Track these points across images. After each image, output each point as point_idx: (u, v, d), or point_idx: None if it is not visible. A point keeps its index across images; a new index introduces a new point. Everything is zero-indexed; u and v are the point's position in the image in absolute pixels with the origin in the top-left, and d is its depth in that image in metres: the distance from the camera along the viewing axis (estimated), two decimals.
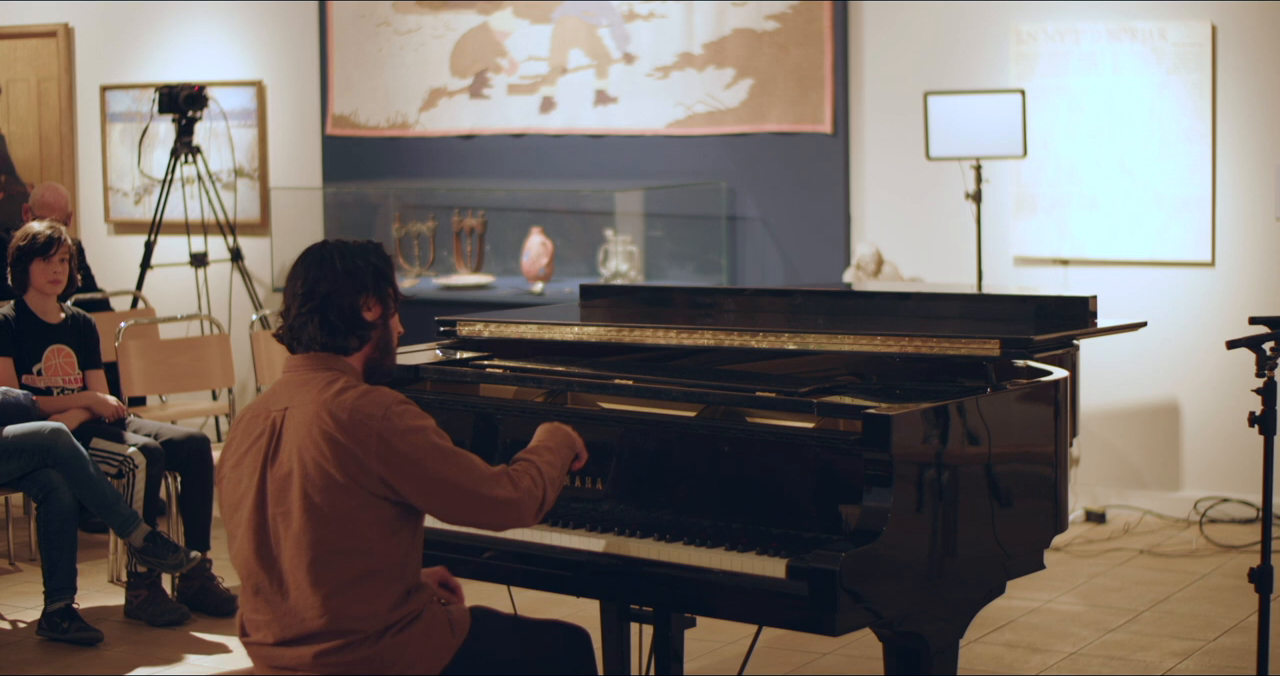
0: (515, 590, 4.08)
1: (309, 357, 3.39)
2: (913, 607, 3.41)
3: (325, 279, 3.37)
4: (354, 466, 3.25)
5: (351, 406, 3.27)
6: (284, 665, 3.34)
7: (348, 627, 3.27)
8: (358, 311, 3.38)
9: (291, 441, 3.30)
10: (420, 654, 3.33)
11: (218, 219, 8.76)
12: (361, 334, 3.40)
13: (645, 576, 3.48)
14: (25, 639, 5.71)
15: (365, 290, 3.39)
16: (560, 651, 3.51)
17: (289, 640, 3.32)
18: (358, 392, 3.31)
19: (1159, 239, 7.25)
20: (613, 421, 3.76)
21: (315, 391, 3.32)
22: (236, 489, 3.39)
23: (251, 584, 3.37)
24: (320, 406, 3.29)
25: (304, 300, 3.37)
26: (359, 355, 3.42)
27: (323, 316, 3.36)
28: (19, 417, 5.76)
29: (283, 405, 3.35)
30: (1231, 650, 5.41)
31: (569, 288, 7.97)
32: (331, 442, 3.25)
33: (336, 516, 3.26)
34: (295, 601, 3.30)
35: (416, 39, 8.79)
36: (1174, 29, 7.15)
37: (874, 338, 3.87)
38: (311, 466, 3.26)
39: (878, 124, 7.79)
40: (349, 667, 3.28)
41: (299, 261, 3.43)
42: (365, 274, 3.39)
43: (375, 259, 3.43)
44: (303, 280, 3.39)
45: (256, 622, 3.38)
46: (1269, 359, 4.02)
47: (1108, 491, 7.39)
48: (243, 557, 3.37)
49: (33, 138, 10.05)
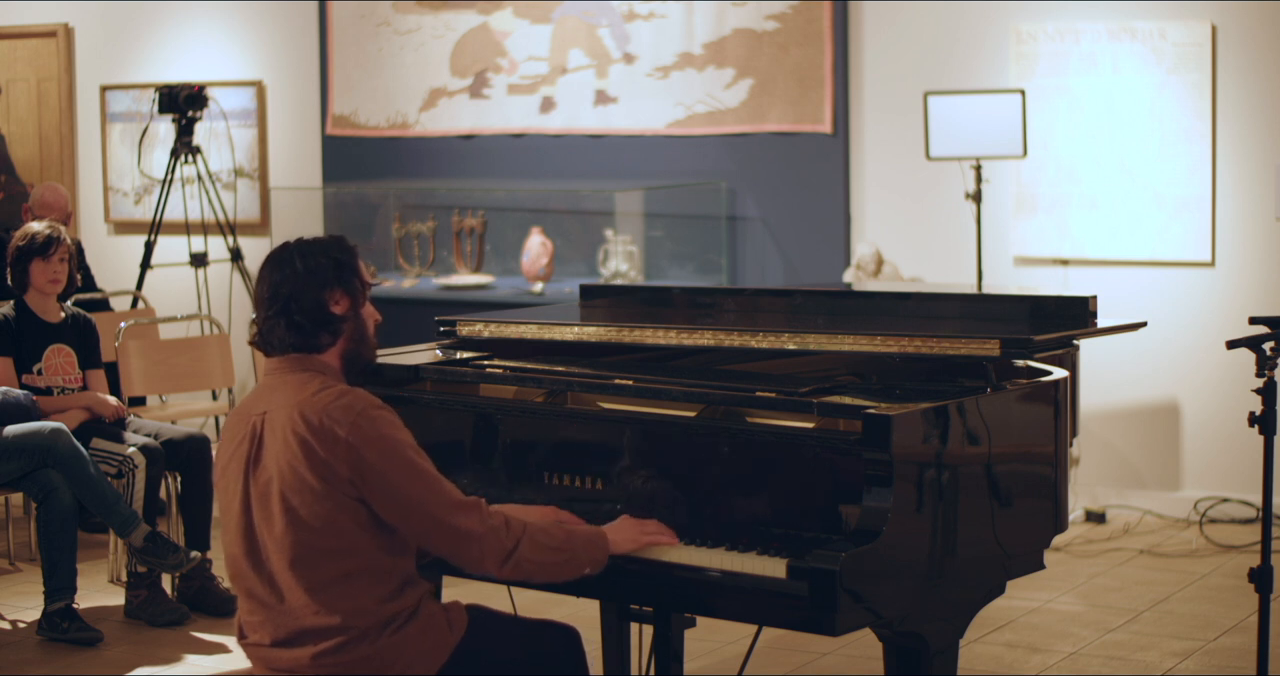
0: (515, 590, 4.08)
1: (284, 360, 3.39)
2: (913, 607, 3.41)
3: (287, 280, 3.37)
4: (325, 469, 3.24)
5: (323, 409, 3.27)
6: (282, 667, 3.34)
7: (339, 624, 3.27)
8: (324, 307, 3.37)
9: (270, 446, 3.30)
10: (418, 652, 3.33)
11: (218, 219, 8.76)
12: (332, 329, 3.39)
13: (645, 576, 3.48)
14: (25, 639, 5.71)
15: (328, 285, 3.37)
16: (555, 651, 3.51)
17: (284, 640, 3.32)
18: (331, 394, 3.30)
19: (1159, 239, 7.25)
20: (613, 421, 3.76)
21: (290, 393, 3.33)
22: (226, 494, 3.40)
23: (244, 587, 3.37)
24: (294, 409, 3.29)
25: (269, 304, 3.37)
26: (334, 351, 3.41)
27: (288, 318, 3.36)
28: (19, 417, 5.75)
29: (261, 409, 3.35)
30: (1231, 650, 5.41)
31: (569, 288, 7.97)
32: (304, 445, 3.25)
33: (315, 518, 3.25)
34: (286, 602, 3.30)
35: (416, 39, 8.79)
36: (1174, 29, 7.15)
37: (874, 337, 3.87)
38: (287, 470, 3.27)
39: (878, 124, 7.79)
40: (348, 667, 3.28)
41: (262, 266, 3.43)
42: (326, 269, 3.38)
43: (336, 252, 3.41)
44: (267, 283, 3.39)
45: (253, 624, 3.39)
46: (1269, 359, 4.02)
47: (1108, 491, 7.39)
48: (235, 561, 3.38)
49: (33, 138, 10.05)
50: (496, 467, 3.90)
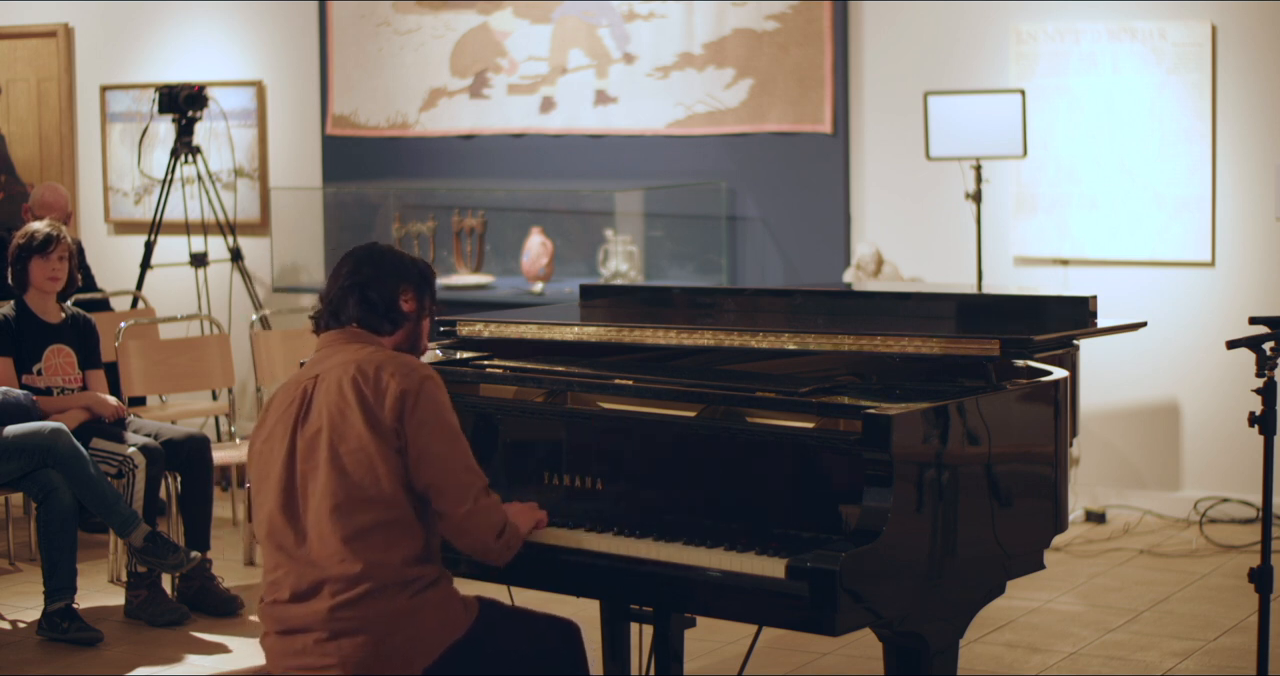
0: (515, 589, 4.09)
1: (343, 332, 3.54)
2: (912, 607, 3.41)
3: (371, 264, 3.56)
4: (373, 418, 3.36)
5: (380, 363, 3.42)
6: (294, 625, 3.38)
7: (361, 572, 3.32)
8: (396, 299, 3.55)
9: (321, 401, 3.42)
10: (432, 622, 3.37)
11: (218, 219, 8.76)
12: (395, 319, 3.55)
13: (645, 576, 3.48)
14: (25, 639, 5.71)
15: (407, 283, 3.56)
16: (557, 645, 3.53)
17: (304, 592, 3.37)
18: (391, 354, 3.48)
19: (1159, 239, 7.25)
20: (613, 421, 3.76)
21: (349, 355, 3.47)
22: (267, 458, 3.48)
23: (275, 542, 3.44)
24: (350, 362, 3.43)
25: (348, 278, 3.54)
26: (389, 340, 3.55)
27: (363, 294, 3.52)
28: (19, 417, 5.76)
29: (314, 374, 3.48)
30: (1231, 650, 5.41)
31: (569, 288, 7.97)
32: (357, 392, 3.38)
33: (357, 465, 3.36)
34: (315, 549, 3.37)
35: (416, 39, 8.79)
36: (1174, 29, 7.15)
37: (874, 338, 3.87)
38: (338, 417, 3.38)
39: (878, 124, 7.79)
40: (362, 624, 3.32)
41: (348, 255, 3.61)
42: (410, 271, 3.59)
43: (422, 266, 3.64)
44: (349, 266, 3.57)
45: (275, 581, 3.44)
46: (1269, 359, 4.02)
47: (1108, 491, 7.39)
48: (268, 517, 3.45)
49: (33, 138, 10.05)
50: (496, 467, 3.90)
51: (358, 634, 3.32)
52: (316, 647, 3.34)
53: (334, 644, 3.32)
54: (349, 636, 3.32)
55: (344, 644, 3.32)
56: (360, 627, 3.32)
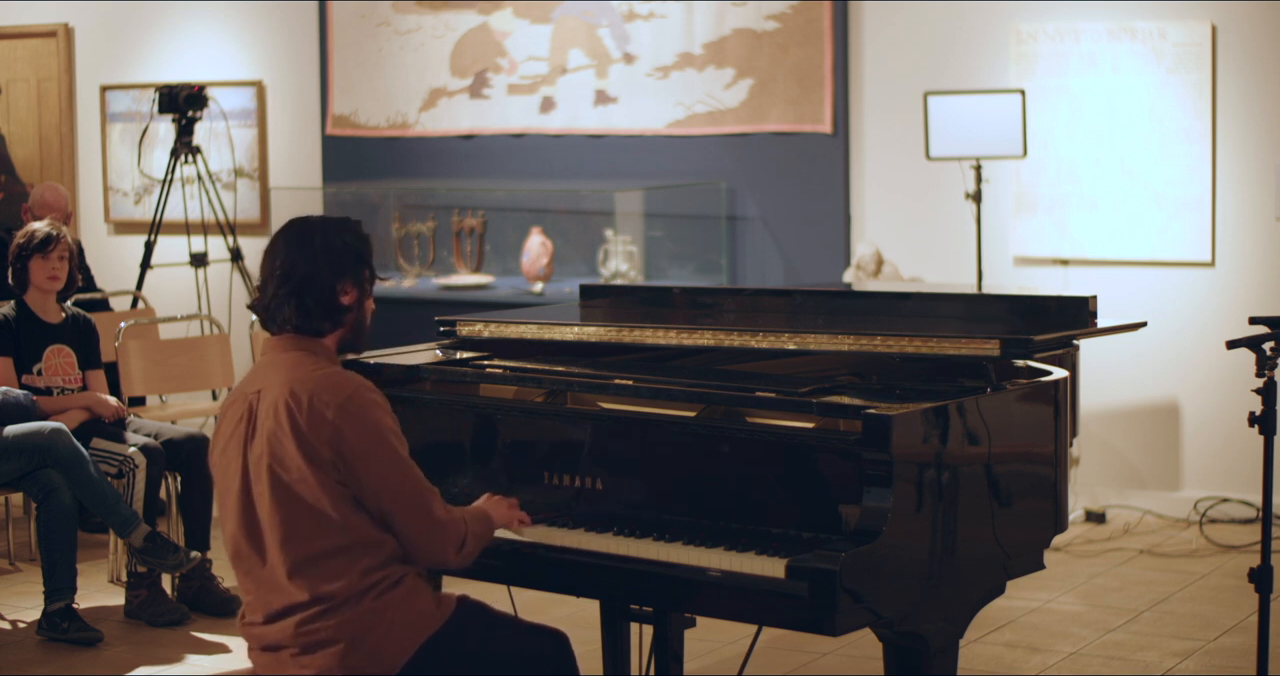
0: (515, 590, 4.09)
1: (283, 339, 3.44)
2: (912, 607, 3.40)
3: (305, 259, 3.41)
4: (309, 447, 3.29)
5: (313, 388, 3.32)
6: (270, 643, 3.39)
7: (321, 597, 3.31)
8: (335, 296, 3.42)
9: (262, 425, 3.35)
10: (401, 620, 3.34)
11: (218, 219, 8.76)
12: (336, 319, 3.44)
13: (645, 576, 3.48)
14: (25, 639, 5.71)
15: (344, 275, 3.42)
16: (542, 654, 3.48)
17: (274, 614, 3.37)
18: (323, 374, 3.35)
19: (1159, 239, 7.25)
20: (613, 421, 3.76)
21: (285, 372, 3.37)
22: (225, 474, 3.44)
23: (243, 566, 3.42)
24: (285, 386, 3.34)
25: (282, 281, 3.41)
26: (332, 337, 3.46)
27: (299, 300, 3.40)
28: (19, 417, 5.75)
29: (256, 388, 3.40)
30: (1231, 650, 5.41)
31: (569, 288, 7.97)
32: (292, 422, 3.30)
33: (302, 494, 3.30)
34: (277, 576, 3.34)
35: (416, 39, 8.79)
36: (1174, 29, 7.15)
37: (874, 337, 3.87)
38: (276, 445, 3.31)
39: (878, 124, 7.79)
40: (330, 632, 3.32)
41: (279, 235, 3.47)
42: (345, 257, 3.43)
43: (354, 240, 3.46)
44: (282, 257, 3.42)
45: (250, 604, 3.43)
46: (1269, 359, 4.02)
47: (1108, 491, 7.39)
48: (233, 539, 3.43)
49: (33, 138, 10.05)
50: (496, 467, 3.90)
51: (330, 644, 3.31)
52: (294, 661, 3.35)
53: (309, 657, 3.34)
54: (322, 648, 3.32)
55: (318, 656, 3.33)
56: (331, 638, 3.31)
